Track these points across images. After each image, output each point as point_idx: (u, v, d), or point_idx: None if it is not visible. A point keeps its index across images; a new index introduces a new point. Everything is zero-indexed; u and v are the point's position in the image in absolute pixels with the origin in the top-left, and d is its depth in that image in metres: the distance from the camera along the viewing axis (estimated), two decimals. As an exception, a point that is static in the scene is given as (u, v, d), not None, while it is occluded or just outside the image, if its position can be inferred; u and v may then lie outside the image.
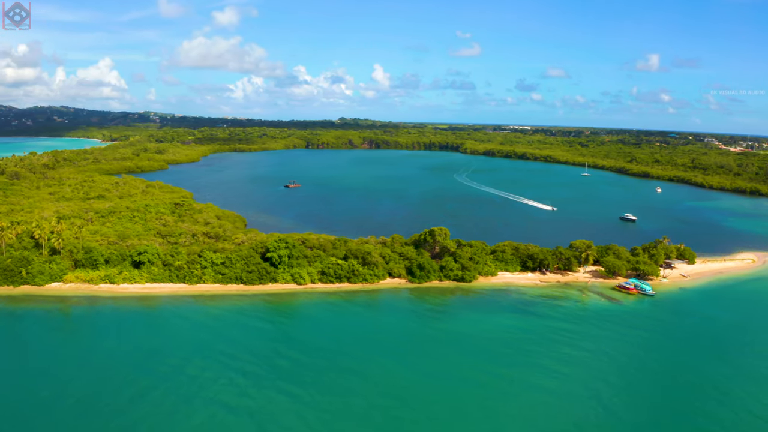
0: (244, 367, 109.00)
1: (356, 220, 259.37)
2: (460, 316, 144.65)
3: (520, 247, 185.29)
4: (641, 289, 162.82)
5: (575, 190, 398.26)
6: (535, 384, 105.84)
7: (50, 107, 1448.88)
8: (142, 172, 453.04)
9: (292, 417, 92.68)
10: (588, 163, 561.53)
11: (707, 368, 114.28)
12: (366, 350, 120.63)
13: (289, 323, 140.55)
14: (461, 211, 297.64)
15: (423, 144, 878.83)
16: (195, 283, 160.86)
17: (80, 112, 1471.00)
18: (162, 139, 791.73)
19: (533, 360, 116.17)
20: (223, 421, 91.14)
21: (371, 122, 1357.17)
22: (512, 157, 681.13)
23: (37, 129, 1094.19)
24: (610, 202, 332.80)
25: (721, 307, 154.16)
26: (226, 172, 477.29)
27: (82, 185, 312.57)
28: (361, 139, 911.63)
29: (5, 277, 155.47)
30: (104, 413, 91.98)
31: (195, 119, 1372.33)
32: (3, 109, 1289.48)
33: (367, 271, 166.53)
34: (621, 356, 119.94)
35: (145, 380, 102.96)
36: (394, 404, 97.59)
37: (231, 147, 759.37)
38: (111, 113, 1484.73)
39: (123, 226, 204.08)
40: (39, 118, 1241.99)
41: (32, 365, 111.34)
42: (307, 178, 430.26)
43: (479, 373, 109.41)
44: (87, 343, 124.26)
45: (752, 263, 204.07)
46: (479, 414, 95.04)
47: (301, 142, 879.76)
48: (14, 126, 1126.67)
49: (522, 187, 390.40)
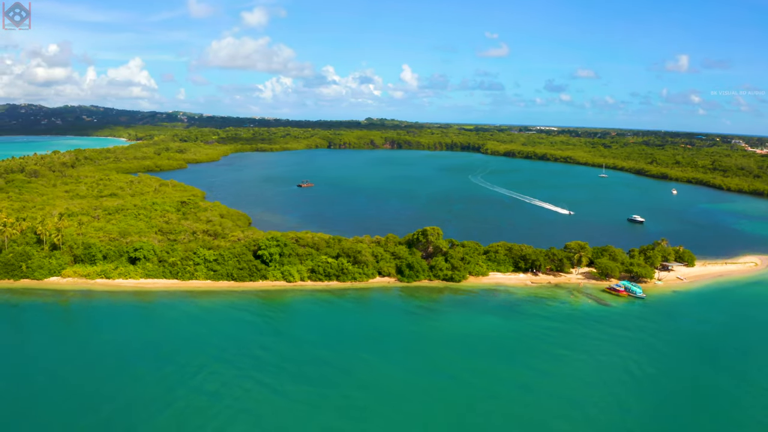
0: (228, 358, 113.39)
1: (360, 220, 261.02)
2: (443, 315, 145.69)
3: (513, 248, 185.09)
4: (632, 291, 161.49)
5: (589, 191, 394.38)
6: (505, 381, 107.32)
7: (80, 106, 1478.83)
8: (160, 170, 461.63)
9: (267, 405, 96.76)
10: (608, 165, 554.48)
11: (685, 371, 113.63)
12: (348, 345, 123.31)
13: (275, 318, 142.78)
14: (468, 211, 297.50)
15: (445, 144, 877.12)
16: (187, 279, 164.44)
17: (110, 111, 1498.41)
18: (186, 138, 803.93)
19: (510, 358, 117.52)
20: (201, 406, 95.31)
21: (397, 122, 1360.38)
22: (533, 157, 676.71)
23: (65, 128, 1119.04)
24: (622, 204, 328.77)
25: (712, 310, 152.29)
26: (243, 171, 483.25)
27: (98, 183, 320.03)
28: (383, 139, 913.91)
29: (6, 271, 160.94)
30: (91, 398, 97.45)
31: (222, 119, 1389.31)
32: (33, 108, 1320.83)
33: (356, 270, 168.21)
34: (601, 356, 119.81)
35: (134, 369, 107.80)
36: (368, 396, 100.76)
37: (253, 147, 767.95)
38: (140, 113, 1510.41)
39: (127, 224, 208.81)
40: (68, 117, 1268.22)
41: (28, 354, 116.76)
42: (321, 177, 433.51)
43: (454, 369, 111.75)
44: (80, 333, 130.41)
45: (755, 266, 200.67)
46: (448, 407, 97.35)
47: (323, 143, 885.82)
48: (43, 125, 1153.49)
49: (534, 188, 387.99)
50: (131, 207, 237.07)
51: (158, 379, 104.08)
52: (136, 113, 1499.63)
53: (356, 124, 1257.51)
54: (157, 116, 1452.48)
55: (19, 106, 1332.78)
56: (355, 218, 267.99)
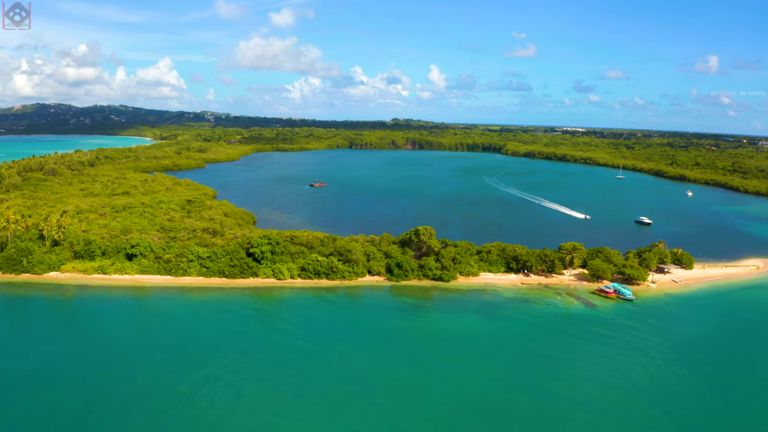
0: (216, 348, 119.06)
1: (365, 219, 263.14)
2: (424, 314, 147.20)
3: (506, 248, 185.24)
4: (621, 293, 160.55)
5: (603, 192, 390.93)
6: (475, 377, 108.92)
7: (109, 106, 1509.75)
8: (179, 170, 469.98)
9: (249, 390, 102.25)
10: (627, 166, 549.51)
11: (662, 374, 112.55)
12: (326, 338, 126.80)
13: (262, 312, 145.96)
14: (474, 212, 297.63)
15: (466, 145, 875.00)
16: (180, 276, 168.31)
17: (138, 111, 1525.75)
18: (209, 138, 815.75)
19: (483, 356, 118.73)
20: (185, 392, 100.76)
21: (423, 123, 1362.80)
22: (553, 158, 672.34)
23: (93, 127, 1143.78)
24: (633, 205, 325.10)
25: (701, 314, 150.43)
26: (259, 171, 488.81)
27: (113, 182, 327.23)
28: (405, 139, 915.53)
29: (8, 266, 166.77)
30: (74, 382, 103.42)
31: (248, 119, 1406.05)
32: (62, 108, 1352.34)
33: (346, 268, 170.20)
34: (578, 356, 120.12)
35: (126, 359, 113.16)
36: (338, 384, 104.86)
37: (274, 147, 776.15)
38: (167, 112, 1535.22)
39: (131, 221, 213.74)
40: (97, 117, 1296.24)
41: (22, 343, 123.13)
42: (335, 177, 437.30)
43: (426, 365, 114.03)
44: (75, 325, 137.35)
45: (756, 270, 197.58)
46: (416, 399, 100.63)
47: (345, 143, 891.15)
48: (72, 124, 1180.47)
49: (548, 189, 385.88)
50: (138, 205, 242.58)
51: (149, 368, 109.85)
52: (164, 113, 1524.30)
53: (381, 124, 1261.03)
54: (184, 116, 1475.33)
55: (48, 105, 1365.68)
56: (360, 218, 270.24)
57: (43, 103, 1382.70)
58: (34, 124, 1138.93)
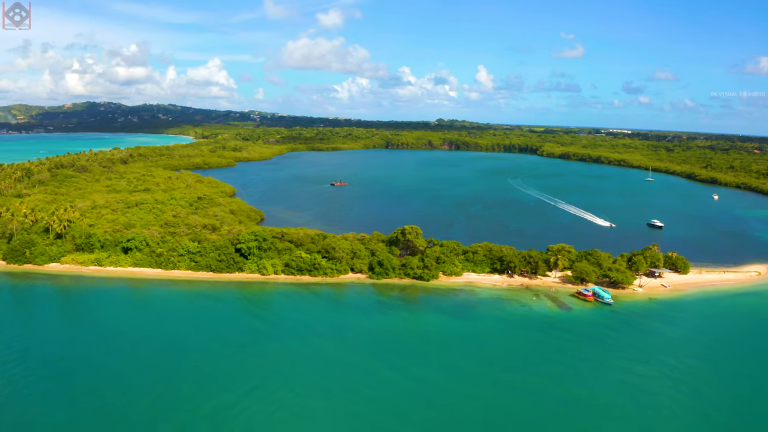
0: (183, 335, 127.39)
1: (371, 218, 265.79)
2: (392, 311, 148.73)
3: (493, 249, 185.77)
4: (599, 296, 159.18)
5: (625, 195, 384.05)
6: (417, 375, 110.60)
7: (158, 105, 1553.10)
8: (209, 168, 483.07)
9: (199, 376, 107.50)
10: (660, 168, 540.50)
11: (595, 383, 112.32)
12: (284, 328, 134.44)
13: (238, 305, 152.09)
14: (484, 214, 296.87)
15: (503, 146, 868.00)
16: (171, 269, 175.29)
17: (186, 110, 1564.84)
18: (248, 137, 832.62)
19: (433, 354, 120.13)
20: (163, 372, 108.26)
21: (468, 124, 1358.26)
22: (587, 160, 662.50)
23: (141, 126, 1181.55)
24: (652, 208, 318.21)
25: (677, 321, 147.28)
26: (286, 170, 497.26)
27: (139, 179, 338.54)
28: (442, 140, 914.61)
29: (12, 256, 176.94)
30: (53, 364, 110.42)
31: (294, 119, 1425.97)
32: (112, 107, 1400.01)
33: (328, 265, 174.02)
34: (522, 358, 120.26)
35: (113, 344, 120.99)
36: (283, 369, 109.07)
37: (309, 146, 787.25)
38: (214, 112, 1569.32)
39: (138, 217, 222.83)
40: (145, 116, 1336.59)
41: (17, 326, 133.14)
42: (359, 177, 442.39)
43: (373, 361, 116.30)
44: (68, 312, 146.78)
45: (756, 276, 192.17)
46: (348, 392, 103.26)
47: (382, 143, 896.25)
48: (120, 122, 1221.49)
49: (569, 192, 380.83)
50: (151, 201, 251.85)
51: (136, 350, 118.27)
52: (211, 112, 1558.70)
53: (424, 125, 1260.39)
54: (230, 115, 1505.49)
55: (98, 104, 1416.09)
56: (366, 217, 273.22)
57: (93, 102, 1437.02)
58: (83, 122, 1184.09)
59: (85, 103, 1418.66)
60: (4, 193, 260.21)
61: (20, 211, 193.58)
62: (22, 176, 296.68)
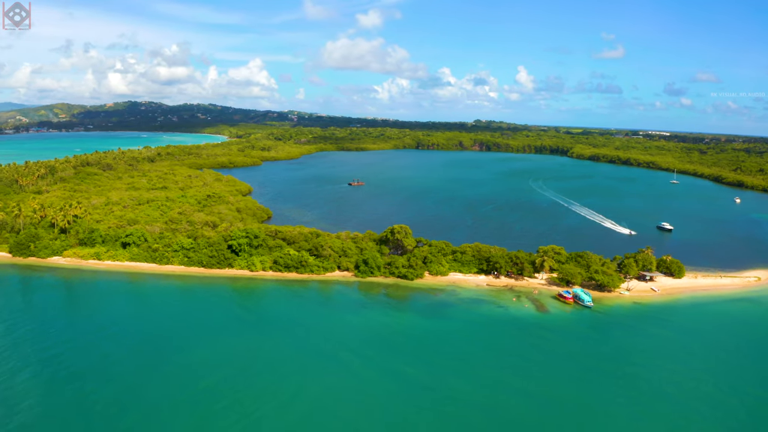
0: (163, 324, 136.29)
1: (376, 218, 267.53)
2: (366, 309, 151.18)
3: (482, 250, 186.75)
4: (580, 299, 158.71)
5: (645, 197, 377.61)
6: (381, 371, 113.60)
7: (198, 105, 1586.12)
8: (234, 167, 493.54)
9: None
10: (689, 171, 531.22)
11: (557, 388, 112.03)
12: (267, 321, 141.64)
13: (222, 299, 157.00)
14: (492, 215, 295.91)
15: (534, 147, 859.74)
16: (164, 264, 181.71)
17: (226, 110, 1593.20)
18: (281, 137, 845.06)
19: (397, 352, 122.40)
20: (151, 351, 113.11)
21: (506, 125, 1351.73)
22: (617, 162, 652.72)
23: (179, 125, 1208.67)
24: (668, 211, 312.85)
25: (655, 327, 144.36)
26: (308, 169, 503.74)
27: (160, 177, 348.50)
28: (472, 141, 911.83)
29: (18, 250, 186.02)
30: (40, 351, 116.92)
31: (331, 119, 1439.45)
32: (153, 106, 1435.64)
33: (315, 263, 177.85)
34: (483, 359, 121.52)
35: (107, 332, 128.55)
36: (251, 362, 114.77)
37: (338, 146, 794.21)
38: (253, 111, 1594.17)
39: (145, 213, 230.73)
40: (184, 115, 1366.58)
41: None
42: (379, 177, 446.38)
43: (339, 356, 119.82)
44: (59, 301, 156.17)
45: (755, 282, 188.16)
46: (314, 385, 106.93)
47: (413, 143, 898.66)
48: (159, 122, 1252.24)
49: (587, 194, 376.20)
50: (162, 199, 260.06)
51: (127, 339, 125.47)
52: (250, 112, 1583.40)
53: (459, 125, 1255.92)
54: (268, 115, 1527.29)
55: (139, 103, 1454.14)
56: (373, 216, 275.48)
57: (134, 101, 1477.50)
58: (123, 121, 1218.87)
59: (126, 103, 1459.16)
60: (26, 189, 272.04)
61: (30, 206, 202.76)
62: (45, 173, 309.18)
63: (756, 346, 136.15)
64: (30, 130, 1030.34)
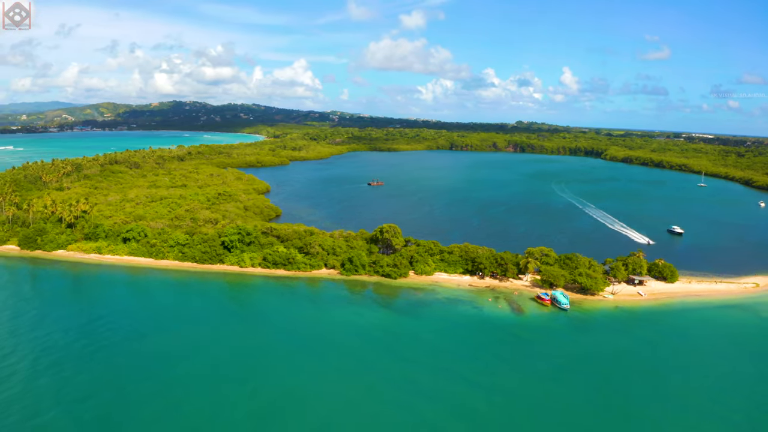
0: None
1: (382, 217, 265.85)
2: (340, 306, 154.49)
3: (469, 250, 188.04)
4: (557, 302, 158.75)
5: (667, 201, 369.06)
6: (330, 366, 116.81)
7: (242, 105, 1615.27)
8: (261, 166, 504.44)
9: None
10: (720, 174, 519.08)
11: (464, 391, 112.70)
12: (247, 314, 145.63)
13: (214, 292, 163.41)
14: (500, 216, 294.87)
15: (569, 149, 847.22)
16: (160, 259, 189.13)
17: (270, 110, 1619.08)
18: (316, 137, 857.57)
19: (357, 348, 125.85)
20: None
21: (547, 126, 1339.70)
22: (649, 164, 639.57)
23: (221, 125, 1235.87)
24: (683, 214, 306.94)
25: (627, 332, 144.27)
26: (333, 169, 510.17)
27: (184, 176, 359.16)
28: (506, 142, 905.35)
29: (25, 243, 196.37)
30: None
31: (371, 119, 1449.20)
32: (197, 106, 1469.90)
33: (303, 260, 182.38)
34: (434, 359, 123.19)
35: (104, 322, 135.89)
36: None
37: (370, 146, 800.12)
38: (295, 111, 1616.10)
39: (153, 210, 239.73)
40: (227, 115, 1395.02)
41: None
42: (401, 177, 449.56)
43: (297, 349, 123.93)
44: (60, 289, 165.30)
45: (752, 288, 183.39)
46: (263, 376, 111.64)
47: (446, 144, 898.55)
48: (202, 121, 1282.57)
49: (607, 197, 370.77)
50: (175, 197, 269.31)
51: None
52: (292, 112, 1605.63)
53: (499, 127, 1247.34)
54: (309, 115, 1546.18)
55: (184, 103, 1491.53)
56: (380, 216, 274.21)
57: (179, 101, 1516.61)
58: (167, 120, 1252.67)
59: (171, 102, 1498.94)
60: (49, 186, 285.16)
61: (41, 202, 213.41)
62: (71, 170, 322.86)
63: (729, 353, 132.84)
64: (74, 128, 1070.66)
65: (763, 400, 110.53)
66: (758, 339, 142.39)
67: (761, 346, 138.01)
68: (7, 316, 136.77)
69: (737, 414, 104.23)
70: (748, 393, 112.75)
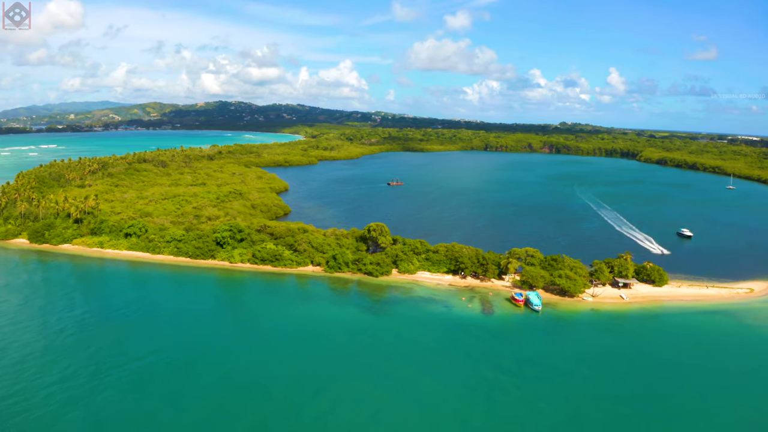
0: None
1: (386, 217, 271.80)
2: (313, 302, 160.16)
3: (453, 249, 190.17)
4: (529, 303, 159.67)
5: (688, 204, 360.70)
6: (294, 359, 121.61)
7: (286, 105, 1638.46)
8: (289, 166, 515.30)
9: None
10: (753, 176, 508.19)
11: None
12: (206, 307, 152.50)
13: (204, 286, 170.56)
14: (507, 218, 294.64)
15: (605, 150, 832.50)
16: (157, 254, 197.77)
17: (314, 110, 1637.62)
18: (351, 137, 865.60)
19: (317, 342, 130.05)
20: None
21: (591, 127, 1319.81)
22: (683, 166, 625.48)
23: (264, 125, 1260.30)
24: (697, 218, 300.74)
25: (592, 335, 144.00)
26: (358, 169, 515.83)
27: (208, 174, 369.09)
28: (541, 143, 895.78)
29: (34, 237, 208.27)
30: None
31: (414, 119, 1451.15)
32: (242, 106, 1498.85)
33: (290, 257, 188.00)
34: (393, 359, 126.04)
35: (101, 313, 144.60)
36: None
37: (403, 147, 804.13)
38: (338, 112, 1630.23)
39: (162, 207, 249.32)
40: (270, 115, 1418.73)
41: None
42: (422, 178, 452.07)
43: (264, 342, 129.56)
44: (59, 279, 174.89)
45: (745, 293, 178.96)
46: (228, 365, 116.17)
47: (481, 145, 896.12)
48: (245, 121, 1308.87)
49: (623, 199, 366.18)
50: (188, 195, 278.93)
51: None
52: (335, 112, 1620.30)
53: (541, 128, 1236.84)
54: (352, 116, 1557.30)
55: (229, 103, 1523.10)
56: (387, 215, 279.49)
57: (225, 101, 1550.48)
58: (211, 120, 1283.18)
59: (217, 102, 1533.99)
60: (71, 183, 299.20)
61: (54, 198, 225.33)
62: (97, 169, 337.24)
63: (697, 363, 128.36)
64: (119, 128, 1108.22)
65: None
66: (732, 348, 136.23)
67: (734, 357, 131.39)
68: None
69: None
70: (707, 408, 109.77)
